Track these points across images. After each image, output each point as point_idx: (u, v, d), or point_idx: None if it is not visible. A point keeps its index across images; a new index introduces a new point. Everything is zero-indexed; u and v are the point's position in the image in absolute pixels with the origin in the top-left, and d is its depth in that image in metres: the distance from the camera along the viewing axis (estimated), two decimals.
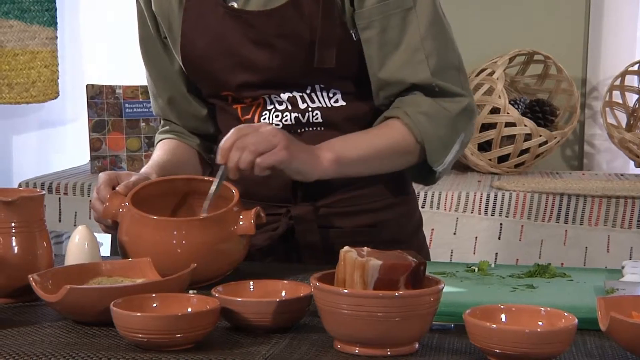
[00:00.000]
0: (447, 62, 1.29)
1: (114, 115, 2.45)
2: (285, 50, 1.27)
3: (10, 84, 2.59)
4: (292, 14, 1.26)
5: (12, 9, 2.56)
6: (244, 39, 1.29)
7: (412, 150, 1.29)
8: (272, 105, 1.32)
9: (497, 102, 2.43)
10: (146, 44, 1.42)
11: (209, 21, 1.31)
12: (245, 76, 1.30)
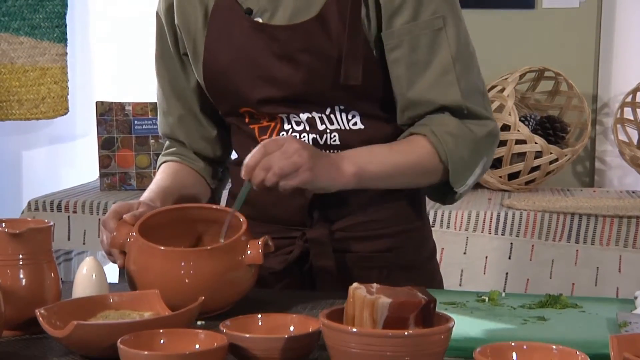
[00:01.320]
0: (474, 85, 1.29)
1: (123, 132, 2.45)
2: (309, 65, 1.27)
3: (20, 100, 2.59)
4: (317, 29, 1.26)
5: (22, 25, 2.57)
6: (267, 52, 1.28)
7: (436, 169, 1.28)
8: (290, 126, 1.31)
9: (508, 120, 2.42)
10: (163, 60, 1.41)
11: (234, 35, 1.30)
12: (267, 91, 1.29)
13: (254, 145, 1.32)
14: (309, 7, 1.28)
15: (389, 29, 1.26)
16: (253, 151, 1.16)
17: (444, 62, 1.26)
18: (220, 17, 1.32)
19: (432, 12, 1.26)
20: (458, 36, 1.27)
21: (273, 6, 1.29)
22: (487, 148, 1.30)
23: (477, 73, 1.31)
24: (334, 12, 1.26)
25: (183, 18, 1.36)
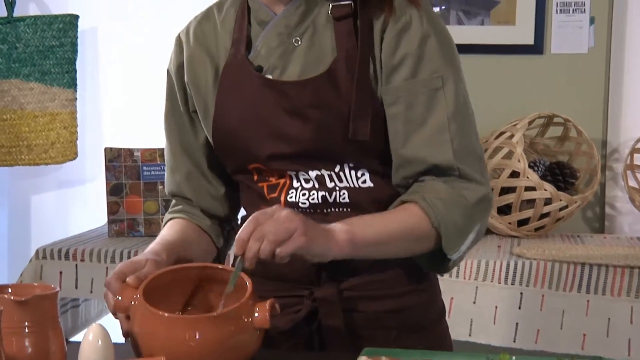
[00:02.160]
0: (469, 147, 1.29)
1: (131, 178, 2.45)
2: (319, 121, 1.27)
3: (29, 145, 2.60)
4: (326, 86, 1.27)
5: (33, 71, 2.59)
6: (278, 108, 1.28)
7: (428, 235, 1.27)
8: (299, 183, 1.31)
9: (517, 166, 2.41)
10: (173, 117, 1.42)
11: (244, 92, 1.31)
12: (277, 146, 1.29)
13: (263, 203, 1.32)
14: (318, 63, 1.29)
15: (387, 85, 1.27)
16: (244, 225, 1.15)
17: (439, 122, 1.26)
18: (232, 74, 1.32)
19: (431, 71, 1.26)
20: (456, 97, 1.27)
21: (283, 63, 1.30)
22: (480, 214, 1.29)
23: (473, 136, 1.30)
24: (342, 68, 1.26)
25: (193, 76, 1.37)
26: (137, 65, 2.74)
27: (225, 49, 1.35)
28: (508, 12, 2.66)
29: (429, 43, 1.26)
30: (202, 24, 1.39)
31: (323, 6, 1.31)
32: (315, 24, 1.31)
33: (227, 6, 1.39)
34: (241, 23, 1.35)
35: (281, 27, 1.31)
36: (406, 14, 1.27)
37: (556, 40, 2.66)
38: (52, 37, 2.59)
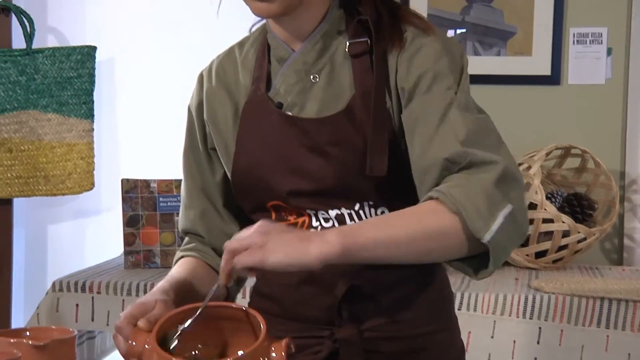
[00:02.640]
0: (477, 133, 1.20)
1: (148, 209, 2.46)
2: (339, 158, 1.26)
3: (47, 176, 2.61)
4: (345, 123, 1.26)
5: (50, 102, 2.60)
6: (298, 145, 1.28)
7: (449, 226, 1.15)
8: (319, 223, 1.30)
9: (535, 198, 2.40)
10: (191, 154, 1.42)
11: (265, 128, 1.31)
12: (297, 183, 1.29)
13: None
14: (336, 100, 1.29)
15: (407, 109, 1.26)
16: None
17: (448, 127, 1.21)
18: (252, 111, 1.33)
19: (446, 87, 1.24)
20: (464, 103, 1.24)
21: (302, 100, 1.31)
22: (506, 190, 1.16)
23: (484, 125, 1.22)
24: (361, 105, 1.26)
25: (212, 113, 1.37)
26: (154, 96, 2.75)
27: (245, 86, 1.36)
28: (525, 43, 2.66)
29: (443, 60, 1.25)
30: (223, 62, 1.41)
31: (340, 43, 1.31)
32: (333, 61, 1.31)
33: (248, 45, 1.40)
34: (261, 61, 1.36)
35: (299, 64, 1.32)
36: (418, 41, 1.27)
37: (573, 71, 2.65)
38: (70, 68, 2.61)
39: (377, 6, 1.30)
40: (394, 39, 1.27)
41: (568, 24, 2.64)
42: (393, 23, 1.29)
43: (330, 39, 1.31)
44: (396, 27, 1.28)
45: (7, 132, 2.57)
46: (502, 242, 1.15)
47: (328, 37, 1.31)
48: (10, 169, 2.58)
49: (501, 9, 2.66)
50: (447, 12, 2.69)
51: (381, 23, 1.28)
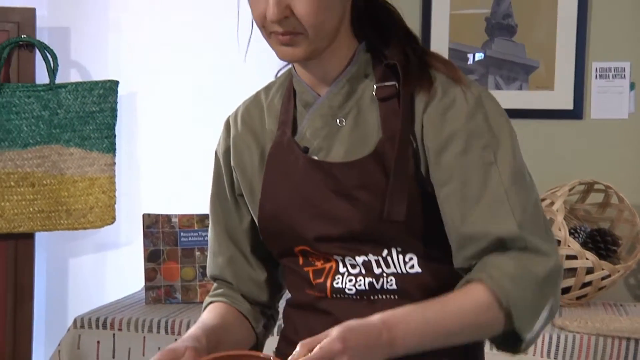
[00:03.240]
0: (533, 216, 1.22)
1: (169, 244, 2.46)
2: (366, 202, 1.25)
3: (68, 210, 2.62)
4: (373, 166, 1.25)
5: (73, 137, 2.62)
6: (325, 189, 1.27)
7: (496, 318, 1.19)
8: (346, 269, 1.29)
9: (558, 234, 2.38)
10: (219, 200, 1.42)
11: (291, 173, 1.30)
12: (324, 228, 1.27)
13: (309, 287, 1.31)
14: (363, 144, 1.28)
15: (437, 164, 1.24)
16: (296, 350, 1.11)
17: (497, 195, 1.20)
18: (278, 156, 1.32)
19: (482, 146, 1.23)
20: (512, 168, 1.22)
21: (328, 144, 1.30)
22: (552, 288, 1.21)
23: (534, 204, 1.23)
24: (388, 148, 1.25)
25: (239, 159, 1.37)
26: (175, 130, 2.76)
27: (271, 131, 1.35)
28: (547, 77, 2.65)
29: (476, 118, 1.24)
30: (249, 107, 1.40)
31: (367, 86, 1.30)
32: (360, 105, 1.30)
33: (274, 90, 1.40)
34: (287, 105, 1.35)
35: (325, 108, 1.31)
36: (449, 93, 1.25)
37: (596, 105, 2.64)
38: (93, 102, 2.62)
39: (406, 51, 1.29)
40: (423, 84, 1.26)
41: (590, 58, 2.62)
42: (421, 68, 1.28)
43: (357, 82, 1.31)
44: (424, 72, 1.27)
45: (29, 166, 2.59)
46: (538, 333, 1.23)
47: (355, 80, 1.31)
48: (33, 203, 2.59)
49: (523, 43, 2.65)
50: (469, 46, 2.69)
51: (410, 67, 1.28)
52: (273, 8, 1.19)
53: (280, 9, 1.19)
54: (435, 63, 1.29)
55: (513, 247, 1.20)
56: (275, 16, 1.19)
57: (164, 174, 2.77)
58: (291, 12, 1.20)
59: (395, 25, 1.32)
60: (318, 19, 1.20)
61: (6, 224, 2.58)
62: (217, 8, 2.66)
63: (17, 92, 2.58)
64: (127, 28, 2.77)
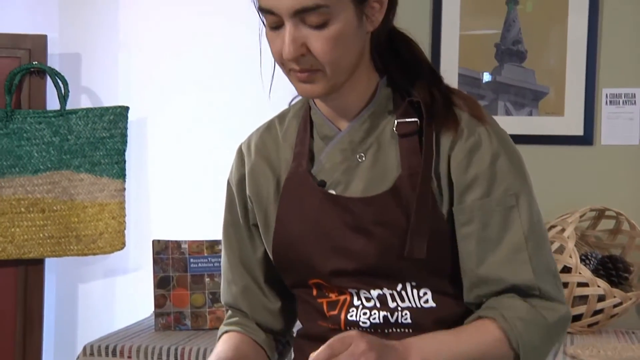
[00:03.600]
0: (547, 265, 1.26)
1: (179, 270, 2.45)
2: (383, 238, 1.25)
3: (78, 236, 2.62)
4: (391, 203, 1.25)
5: (83, 162, 2.62)
6: (341, 224, 1.27)
7: (505, 355, 1.23)
8: (360, 302, 1.29)
9: (569, 262, 2.37)
10: (232, 229, 1.42)
11: (306, 206, 1.30)
12: (339, 262, 1.27)
13: (322, 319, 1.30)
14: (382, 180, 1.27)
15: (460, 204, 1.25)
16: (318, 351, 1.13)
17: (515, 240, 1.24)
18: (293, 188, 1.32)
19: (504, 190, 1.25)
20: (531, 214, 1.25)
21: (347, 179, 1.29)
22: (559, 334, 1.26)
23: (548, 252, 1.28)
24: (407, 185, 1.25)
25: (255, 189, 1.36)
26: (185, 156, 2.76)
27: (286, 161, 1.35)
28: (557, 103, 2.65)
29: (500, 161, 1.25)
30: (263, 136, 1.40)
31: (388, 122, 1.30)
32: (380, 140, 1.30)
33: (289, 119, 1.39)
34: (303, 136, 1.35)
35: (345, 143, 1.31)
36: (475, 132, 1.26)
37: (606, 131, 2.63)
38: (103, 128, 2.63)
39: (431, 89, 1.29)
40: (449, 124, 1.27)
41: (600, 84, 2.62)
42: (447, 107, 1.28)
43: (377, 117, 1.30)
44: (450, 111, 1.28)
45: (40, 192, 2.59)
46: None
47: (376, 116, 1.30)
48: (43, 229, 2.60)
49: (533, 69, 2.65)
50: (478, 72, 2.69)
51: (435, 106, 1.28)
52: (289, 46, 1.19)
53: (296, 47, 1.19)
54: (459, 101, 1.29)
55: (527, 293, 1.24)
56: (291, 54, 1.20)
57: (174, 200, 2.77)
58: (307, 50, 1.20)
59: (418, 61, 1.32)
60: (334, 55, 1.20)
61: (16, 249, 2.58)
62: (227, 35, 2.67)
63: (28, 118, 2.59)
64: (137, 54, 2.78)
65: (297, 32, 1.19)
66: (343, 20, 1.19)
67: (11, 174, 2.57)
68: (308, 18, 1.18)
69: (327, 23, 1.18)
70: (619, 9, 2.59)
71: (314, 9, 1.17)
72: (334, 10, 1.18)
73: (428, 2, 2.65)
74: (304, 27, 1.19)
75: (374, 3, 1.23)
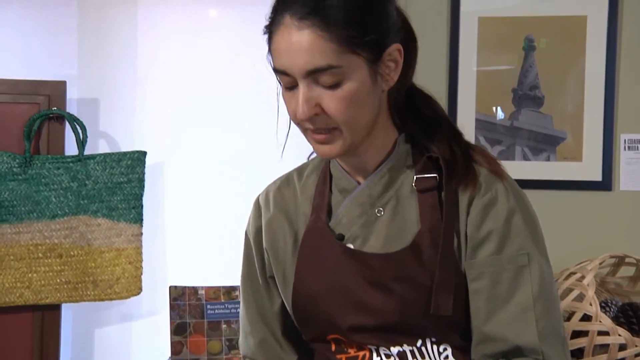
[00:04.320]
0: (554, 329, 1.25)
1: (195, 317, 2.44)
2: (402, 294, 1.24)
3: (95, 281, 2.61)
4: (411, 259, 1.25)
5: (100, 207, 2.62)
6: (360, 279, 1.27)
7: None
8: (379, 358, 1.28)
9: (589, 310, 2.34)
10: (249, 281, 1.42)
11: (325, 260, 1.30)
12: (358, 318, 1.27)
13: None
14: (401, 235, 1.27)
15: (472, 259, 1.25)
16: None
17: (524, 300, 1.23)
18: (312, 241, 1.32)
19: (517, 248, 1.24)
20: (542, 276, 1.25)
21: (365, 233, 1.29)
22: None
23: (557, 317, 1.26)
24: (427, 242, 1.25)
25: (272, 242, 1.36)
26: (202, 200, 2.77)
27: (304, 215, 1.35)
28: (575, 148, 2.64)
29: (515, 219, 1.25)
30: (281, 189, 1.40)
31: (407, 177, 1.30)
32: (399, 195, 1.30)
33: (308, 172, 1.40)
34: (322, 190, 1.35)
35: (364, 197, 1.31)
36: (492, 188, 1.26)
37: (625, 177, 2.62)
38: (121, 173, 2.64)
39: (451, 145, 1.30)
40: (468, 180, 1.27)
41: (618, 130, 2.61)
42: (466, 163, 1.28)
43: (396, 172, 1.31)
44: (470, 168, 1.28)
45: (57, 237, 2.59)
46: None
47: (394, 170, 1.31)
48: (60, 274, 2.60)
49: (550, 114, 2.65)
50: (495, 117, 2.69)
51: (455, 162, 1.28)
52: (302, 106, 1.20)
53: (310, 106, 1.20)
54: (478, 158, 1.29)
55: (529, 355, 1.23)
56: (305, 115, 1.20)
57: (190, 244, 2.77)
58: (321, 110, 1.21)
59: (438, 118, 1.32)
60: (348, 115, 1.21)
61: (33, 295, 2.58)
62: (246, 79, 2.69)
63: (47, 163, 2.60)
64: (155, 98, 2.79)
65: (310, 92, 1.19)
66: (357, 80, 1.19)
67: (29, 219, 2.58)
68: (321, 78, 1.18)
69: (341, 83, 1.18)
70: (638, 53, 2.59)
71: (326, 69, 1.17)
72: (347, 70, 1.18)
73: (445, 41, 2.65)
74: (318, 87, 1.19)
75: (388, 62, 1.23)
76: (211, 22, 2.78)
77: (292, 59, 1.16)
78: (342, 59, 1.16)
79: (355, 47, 1.17)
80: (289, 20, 1.17)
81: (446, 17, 2.64)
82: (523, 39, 2.64)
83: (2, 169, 2.56)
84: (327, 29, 1.15)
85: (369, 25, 1.19)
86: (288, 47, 1.16)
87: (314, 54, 1.15)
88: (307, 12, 1.15)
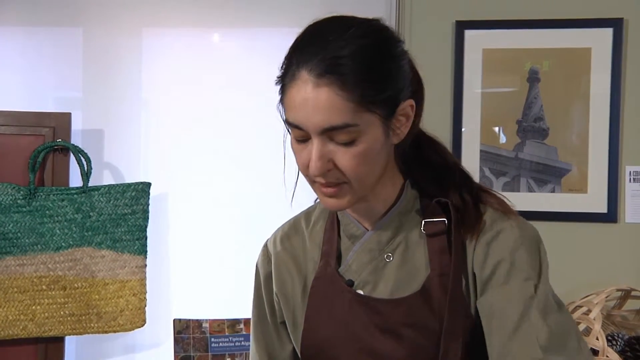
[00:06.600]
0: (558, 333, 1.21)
1: (200, 350, 2.43)
2: (413, 340, 1.24)
3: (99, 313, 2.60)
4: (420, 304, 1.24)
5: (105, 239, 2.62)
6: (370, 325, 1.26)
7: None
8: None
9: (595, 344, 2.33)
10: (260, 325, 1.41)
11: (334, 307, 1.29)
12: None
13: None
14: (410, 280, 1.26)
15: (482, 295, 1.24)
16: None
17: (532, 327, 1.20)
18: (322, 288, 1.31)
19: (524, 278, 1.22)
20: (546, 298, 1.22)
21: (374, 279, 1.28)
22: None
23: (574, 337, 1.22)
24: (436, 286, 1.24)
25: (282, 287, 1.36)
26: (206, 232, 2.76)
27: (313, 260, 1.35)
28: (580, 180, 2.63)
29: (521, 250, 1.24)
30: (289, 234, 1.40)
31: (415, 222, 1.30)
32: (407, 240, 1.29)
33: (315, 218, 1.39)
34: (330, 234, 1.35)
35: (373, 243, 1.30)
36: (497, 224, 1.25)
37: (630, 209, 2.61)
38: (125, 205, 2.63)
39: (462, 192, 1.29)
40: (473, 224, 1.26)
41: (623, 162, 2.61)
42: (475, 207, 1.28)
43: (405, 217, 1.30)
44: (477, 212, 1.27)
45: (61, 269, 2.58)
46: None
47: (403, 215, 1.30)
48: (64, 306, 2.59)
49: (555, 146, 2.65)
50: (500, 149, 2.68)
51: (465, 210, 1.27)
52: (316, 162, 1.19)
53: (323, 162, 1.19)
54: (489, 200, 1.29)
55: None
56: (319, 171, 1.19)
57: (195, 276, 2.76)
58: (334, 165, 1.20)
59: (448, 165, 1.32)
60: (361, 171, 1.20)
61: (37, 328, 2.57)
62: (249, 112, 2.69)
63: (51, 195, 2.59)
64: (159, 129, 2.80)
65: (324, 148, 1.18)
66: (371, 136, 1.19)
67: (33, 251, 2.57)
68: (336, 136, 1.17)
69: (355, 140, 1.18)
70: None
71: (343, 127, 1.16)
72: (363, 128, 1.17)
73: (449, 64, 2.66)
74: (331, 143, 1.18)
75: (400, 117, 1.23)
76: (215, 48, 2.78)
77: (308, 116, 1.16)
78: (358, 118, 1.16)
79: (371, 106, 1.16)
80: (306, 76, 1.16)
81: (450, 46, 2.65)
82: (527, 70, 2.65)
83: (7, 200, 2.55)
84: (344, 87, 1.14)
85: (384, 83, 1.18)
86: (304, 103, 1.16)
87: (331, 112, 1.15)
88: (325, 70, 1.14)
